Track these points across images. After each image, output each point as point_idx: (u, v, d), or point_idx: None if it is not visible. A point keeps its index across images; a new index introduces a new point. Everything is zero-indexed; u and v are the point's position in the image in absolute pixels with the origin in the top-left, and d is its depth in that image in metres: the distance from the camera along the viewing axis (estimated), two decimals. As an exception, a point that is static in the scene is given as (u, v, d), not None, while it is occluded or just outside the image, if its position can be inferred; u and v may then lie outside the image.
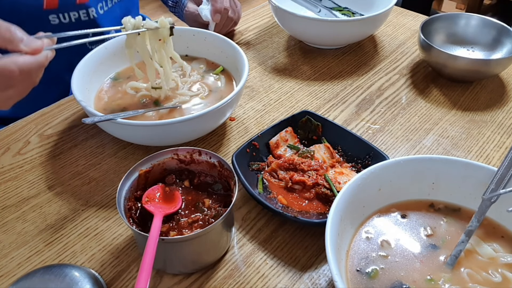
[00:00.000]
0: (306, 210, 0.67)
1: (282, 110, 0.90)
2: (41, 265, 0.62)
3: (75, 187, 0.74)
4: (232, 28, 1.12)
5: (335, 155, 0.75)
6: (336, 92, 0.95)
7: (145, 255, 0.51)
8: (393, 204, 0.62)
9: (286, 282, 0.60)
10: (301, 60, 1.05)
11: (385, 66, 1.03)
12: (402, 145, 0.82)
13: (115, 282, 0.60)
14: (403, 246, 0.57)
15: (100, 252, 0.64)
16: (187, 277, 0.61)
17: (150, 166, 0.64)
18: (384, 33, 1.16)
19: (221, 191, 0.65)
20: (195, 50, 0.95)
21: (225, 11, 1.03)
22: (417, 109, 0.90)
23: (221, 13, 1.02)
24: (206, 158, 0.65)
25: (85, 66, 0.83)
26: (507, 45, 0.96)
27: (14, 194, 0.73)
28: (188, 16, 1.11)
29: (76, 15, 0.96)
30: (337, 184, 0.69)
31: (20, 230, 0.67)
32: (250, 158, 0.74)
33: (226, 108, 0.75)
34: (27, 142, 0.83)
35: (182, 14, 1.16)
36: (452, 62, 0.91)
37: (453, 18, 1.03)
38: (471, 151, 0.81)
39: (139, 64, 0.93)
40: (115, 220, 0.68)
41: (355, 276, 0.54)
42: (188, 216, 0.61)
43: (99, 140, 0.83)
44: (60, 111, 0.90)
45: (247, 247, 0.64)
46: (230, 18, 1.06)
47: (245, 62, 0.82)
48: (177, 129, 0.73)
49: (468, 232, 0.56)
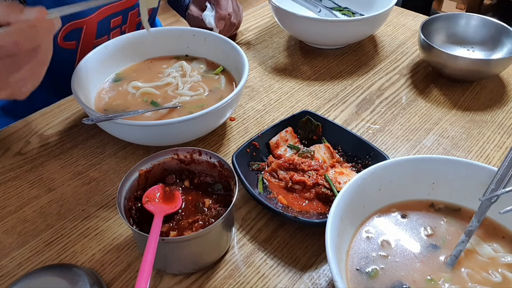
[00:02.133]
0: (306, 210, 0.67)
1: (282, 110, 0.90)
2: (41, 265, 0.62)
3: (75, 187, 0.74)
4: (234, 32, 1.12)
5: (335, 155, 0.75)
6: (336, 92, 0.95)
7: (145, 255, 0.51)
8: (393, 204, 0.62)
9: (286, 282, 0.60)
10: (301, 60, 1.05)
11: (385, 66, 1.03)
12: (402, 145, 0.82)
13: (115, 282, 0.60)
14: (403, 246, 0.57)
15: (100, 252, 0.64)
16: (187, 277, 0.61)
17: (150, 166, 0.65)
18: (384, 33, 1.16)
19: (221, 191, 0.65)
20: (195, 50, 0.95)
21: (229, 17, 1.03)
22: (417, 109, 0.90)
23: (225, 20, 1.02)
24: (206, 158, 0.65)
25: (85, 66, 0.83)
26: (507, 45, 0.96)
27: (14, 194, 0.73)
28: (191, 19, 1.10)
29: None
30: (337, 184, 0.69)
31: (20, 230, 0.67)
32: (250, 158, 0.74)
33: (226, 108, 0.75)
34: (27, 142, 0.83)
35: (183, 12, 1.16)
36: (452, 62, 0.91)
37: (453, 18, 1.03)
38: (471, 151, 0.81)
39: (139, 64, 0.94)
40: (115, 220, 0.68)
41: (355, 276, 0.54)
42: (188, 216, 0.61)
43: (99, 140, 0.83)
44: (60, 111, 0.90)
45: (247, 247, 0.64)
46: (233, 23, 1.06)
47: (245, 62, 0.82)
48: (177, 129, 0.73)
49: (468, 232, 0.56)
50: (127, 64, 0.92)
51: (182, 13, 1.16)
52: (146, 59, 0.94)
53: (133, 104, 0.83)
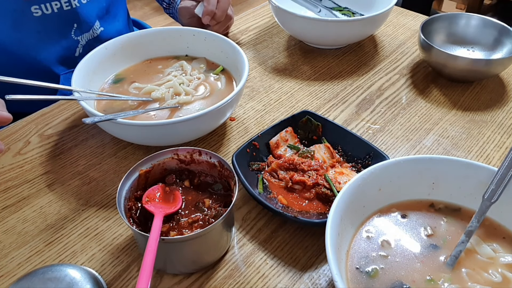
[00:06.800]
0: (306, 210, 0.67)
1: (282, 110, 0.90)
2: (41, 265, 0.62)
3: (75, 187, 0.74)
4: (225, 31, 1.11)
5: (335, 155, 0.75)
6: (336, 92, 0.95)
7: (145, 255, 0.51)
8: (393, 204, 0.62)
9: (286, 282, 0.60)
10: (301, 60, 1.05)
11: (385, 66, 1.03)
12: (402, 145, 0.82)
13: (115, 282, 0.60)
14: (403, 246, 0.57)
15: (100, 252, 0.64)
16: (187, 277, 0.61)
17: (150, 166, 0.64)
18: (384, 33, 1.16)
19: (221, 191, 0.65)
20: (195, 50, 0.95)
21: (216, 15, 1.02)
22: (417, 109, 0.90)
23: (211, 15, 1.01)
24: (206, 158, 0.65)
25: (86, 66, 0.83)
26: (507, 45, 0.96)
27: (14, 194, 0.73)
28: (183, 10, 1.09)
29: (58, 5, 0.94)
30: (337, 184, 0.69)
31: (20, 230, 0.67)
32: (250, 158, 0.74)
33: (226, 108, 0.75)
34: (27, 142, 0.83)
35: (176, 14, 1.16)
36: (452, 62, 0.91)
37: (453, 18, 1.03)
38: (471, 151, 0.81)
39: (139, 65, 0.94)
40: (115, 220, 0.68)
41: (355, 276, 0.54)
42: (188, 216, 0.61)
43: (99, 140, 0.83)
44: (60, 111, 0.90)
45: (247, 247, 0.64)
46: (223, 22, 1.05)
47: (245, 62, 0.82)
48: (177, 129, 0.73)
49: (468, 233, 0.56)
50: (127, 64, 0.92)
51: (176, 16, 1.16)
52: (145, 59, 0.94)
53: (133, 104, 0.83)
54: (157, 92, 0.84)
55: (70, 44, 1.01)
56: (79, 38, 1.01)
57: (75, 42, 1.01)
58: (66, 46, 1.00)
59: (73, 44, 1.01)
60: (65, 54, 1.01)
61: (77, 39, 1.01)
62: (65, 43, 1.00)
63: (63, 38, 0.99)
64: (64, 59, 1.01)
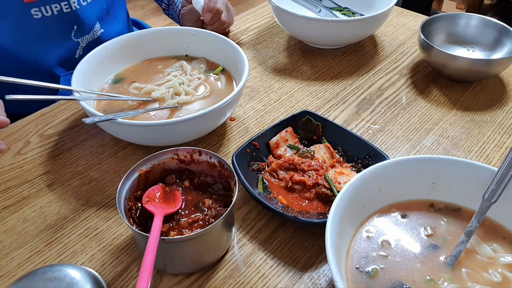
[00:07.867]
0: (306, 210, 0.67)
1: (282, 110, 0.90)
2: (41, 265, 0.62)
3: (75, 187, 0.74)
4: (223, 31, 1.11)
5: (335, 155, 0.75)
6: (336, 92, 0.95)
7: (146, 255, 0.51)
8: (393, 204, 0.62)
9: (286, 282, 0.60)
10: (301, 60, 1.05)
11: (385, 66, 1.03)
12: (402, 145, 0.82)
13: (115, 282, 0.60)
14: (403, 246, 0.57)
15: (100, 252, 0.64)
16: (187, 277, 0.61)
17: (150, 166, 0.64)
18: (384, 33, 1.16)
19: (221, 191, 0.65)
20: (195, 50, 0.95)
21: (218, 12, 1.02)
22: (417, 109, 0.90)
23: (212, 13, 1.01)
24: (206, 158, 0.65)
25: (86, 66, 0.83)
26: (507, 45, 0.96)
27: (14, 194, 0.73)
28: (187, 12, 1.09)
29: (58, 7, 0.94)
30: (337, 184, 0.69)
31: (20, 230, 0.67)
32: (250, 158, 0.74)
33: (226, 108, 0.75)
34: (27, 142, 0.83)
35: (176, 16, 1.16)
36: (452, 62, 0.91)
37: (453, 18, 1.03)
38: (471, 151, 0.81)
39: (139, 65, 0.94)
40: (115, 220, 0.68)
41: (355, 276, 0.54)
42: (188, 216, 0.61)
43: (99, 140, 0.83)
44: (60, 111, 0.90)
45: (247, 247, 0.64)
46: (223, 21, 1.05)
47: (245, 62, 0.82)
48: (177, 129, 0.73)
49: (468, 233, 0.56)
50: (127, 64, 0.92)
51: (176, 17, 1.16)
52: (145, 59, 0.94)
53: (133, 104, 0.83)
54: (157, 92, 0.84)
55: (70, 46, 1.01)
56: (80, 40, 1.01)
57: (76, 44, 1.01)
58: (66, 48, 1.00)
59: (73, 46, 1.01)
60: (66, 56, 1.01)
61: (78, 41, 1.01)
62: (65, 45, 1.00)
63: (64, 40, 0.99)
64: (64, 61, 1.01)
